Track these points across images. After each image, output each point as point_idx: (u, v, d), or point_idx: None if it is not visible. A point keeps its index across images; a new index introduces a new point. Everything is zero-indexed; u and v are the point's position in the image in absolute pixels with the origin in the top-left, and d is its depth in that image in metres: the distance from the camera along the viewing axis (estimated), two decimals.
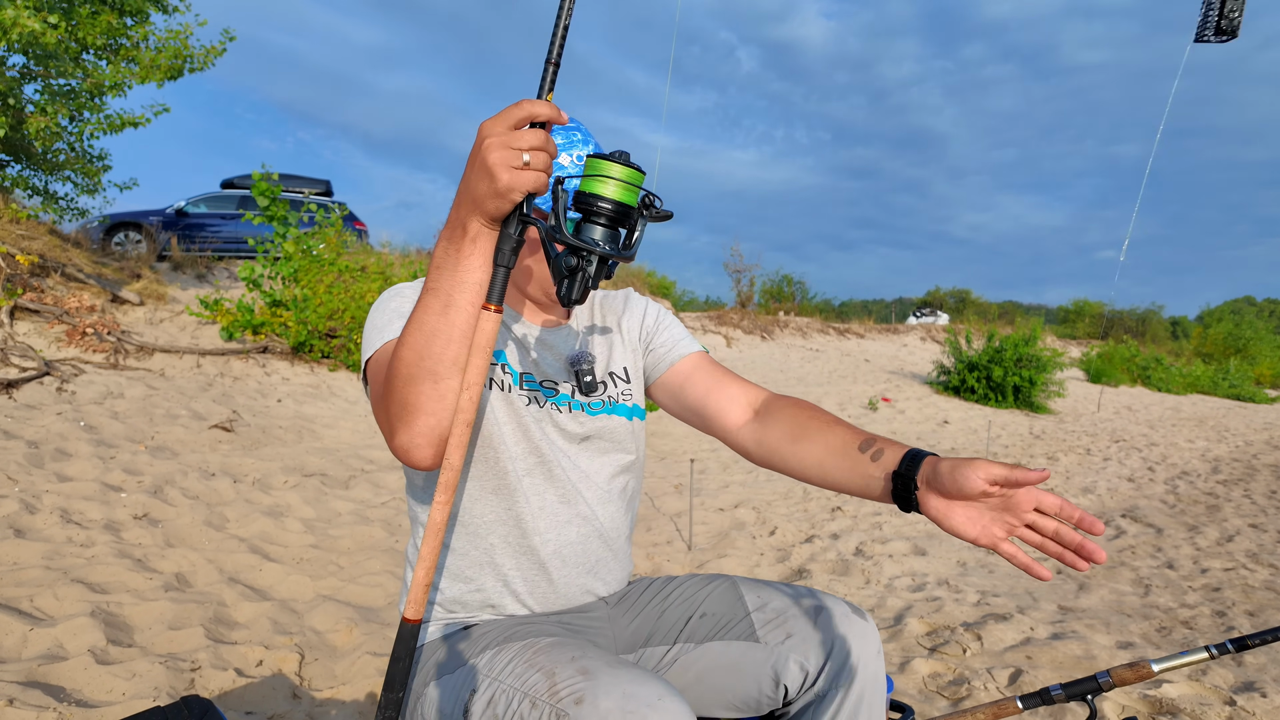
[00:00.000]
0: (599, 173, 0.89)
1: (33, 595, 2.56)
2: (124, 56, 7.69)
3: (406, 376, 0.89)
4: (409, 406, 0.90)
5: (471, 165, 0.85)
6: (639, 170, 0.90)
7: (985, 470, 0.86)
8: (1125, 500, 6.16)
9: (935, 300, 43.48)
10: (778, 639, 1.14)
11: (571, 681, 0.91)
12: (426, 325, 0.88)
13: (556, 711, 0.89)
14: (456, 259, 0.88)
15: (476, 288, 0.88)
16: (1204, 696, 2.46)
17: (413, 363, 0.89)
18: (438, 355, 0.88)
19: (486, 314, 0.87)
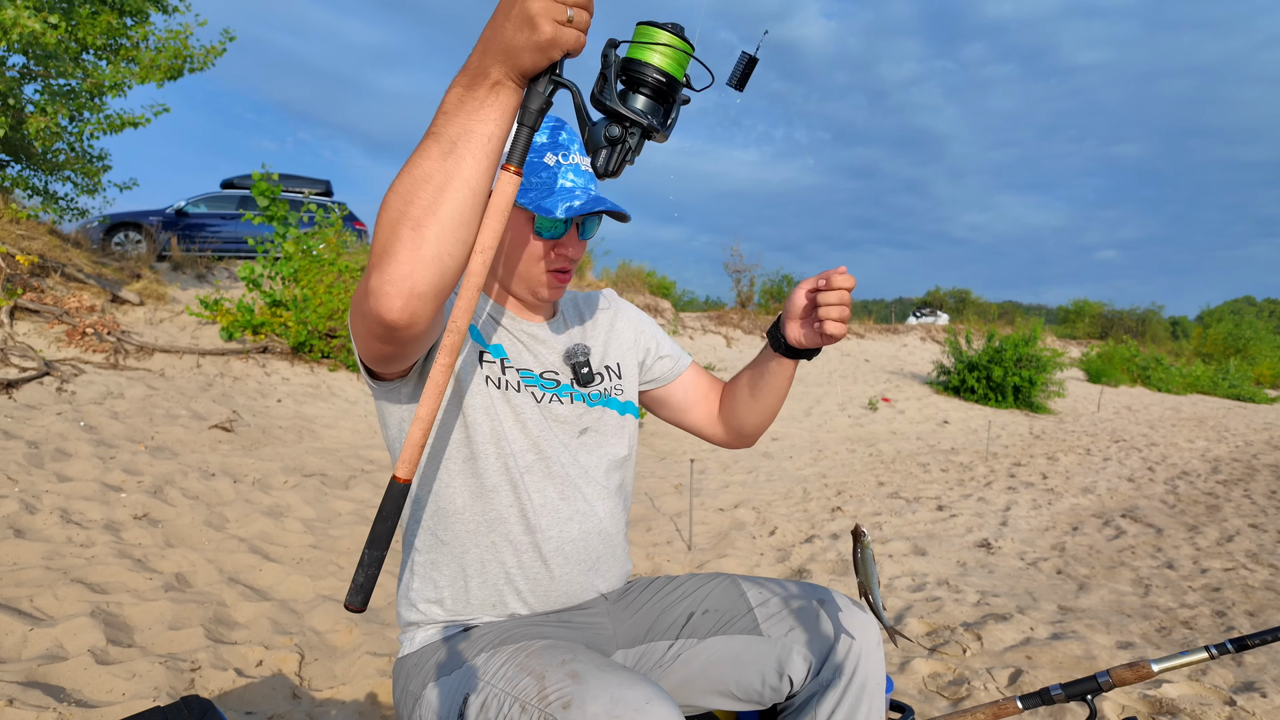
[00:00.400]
0: (649, 40, 0.84)
1: (33, 595, 2.56)
2: (124, 56, 7.69)
3: (389, 222, 0.81)
4: (386, 252, 0.81)
5: (506, 11, 0.78)
6: (690, 43, 0.84)
7: (803, 285, 1.14)
8: (1125, 500, 6.16)
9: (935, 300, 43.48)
10: (781, 632, 1.16)
11: (560, 685, 0.91)
12: (419, 169, 0.80)
13: (545, 715, 0.90)
14: (471, 106, 0.80)
15: (484, 140, 0.81)
16: (1204, 696, 2.46)
17: (398, 207, 0.81)
18: (425, 203, 0.80)
19: (507, 175, 0.84)
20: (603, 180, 0.90)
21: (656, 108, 0.85)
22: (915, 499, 5.60)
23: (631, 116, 0.84)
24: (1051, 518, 5.35)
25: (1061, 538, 4.81)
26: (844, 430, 9.11)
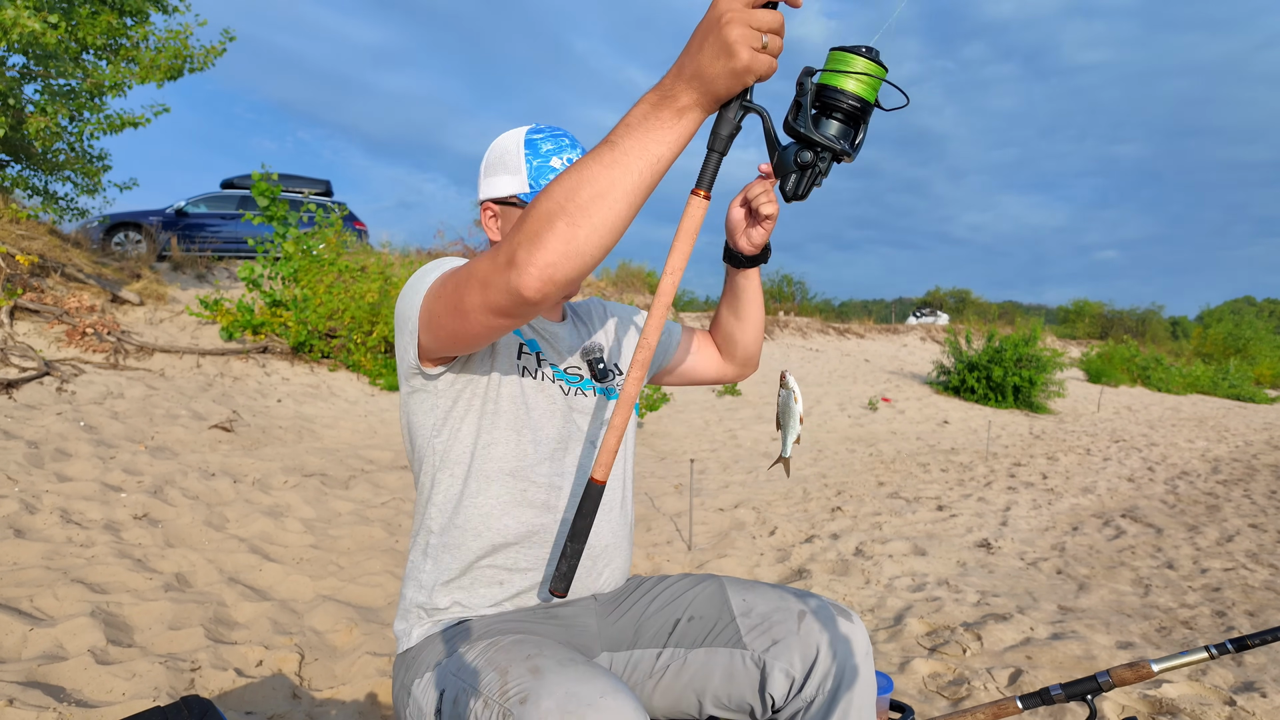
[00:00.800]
0: (844, 67, 0.85)
1: (33, 595, 2.56)
2: (124, 56, 7.69)
3: (546, 211, 0.84)
4: (538, 237, 0.84)
5: (703, 38, 0.80)
6: (883, 66, 0.86)
7: (733, 202, 1.22)
8: (1125, 500, 6.16)
9: (935, 300, 43.48)
10: (762, 646, 1.16)
11: (520, 681, 0.93)
12: (588, 171, 0.83)
13: (504, 711, 0.92)
14: (653, 124, 0.82)
15: (654, 160, 0.83)
16: (1204, 696, 2.46)
17: (558, 200, 0.83)
18: (583, 204, 0.82)
19: (697, 199, 0.87)
20: (789, 204, 0.95)
21: (848, 131, 0.88)
22: (915, 499, 5.60)
23: (825, 143, 0.86)
24: (1051, 518, 5.35)
25: (1061, 538, 4.81)
26: (844, 430, 9.11)
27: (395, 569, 3.27)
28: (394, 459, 5.09)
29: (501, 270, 0.87)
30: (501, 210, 1.22)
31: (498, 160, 1.22)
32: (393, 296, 7.80)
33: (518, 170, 1.19)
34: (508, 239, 0.87)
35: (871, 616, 3.22)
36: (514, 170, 1.20)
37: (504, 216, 1.22)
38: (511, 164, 1.20)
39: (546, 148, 1.20)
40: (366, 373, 7.46)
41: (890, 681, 1.55)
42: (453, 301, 0.98)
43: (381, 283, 7.74)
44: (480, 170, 1.25)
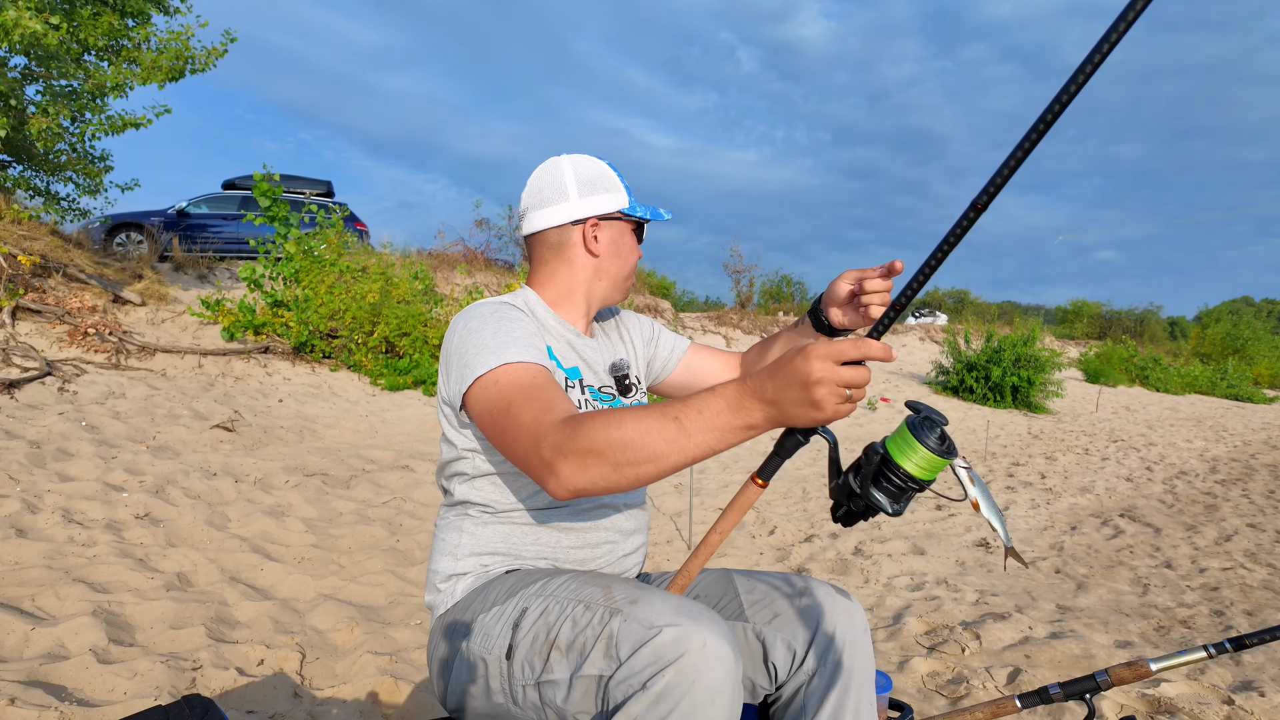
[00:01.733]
0: (910, 447, 0.93)
1: (34, 595, 2.57)
2: (125, 57, 7.69)
3: (594, 446, 0.92)
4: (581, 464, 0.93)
5: (789, 380, 0.88)
6: (948, 458, 0.93)
7: (848, 276, 1.24)
8: (1123, 500, 6.17)
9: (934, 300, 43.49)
10: (765, 619, 1.22)
11: (627, 591, 0.99)
12: (647, 436, 0.91)
13: (610, 610, 0.97)
14: (722, 425, 0.91)
15: (709, 450, 0.92)
16: (1202, 696, 2.47)
17: (613, 444, 0.92)
18: (633, 459, 0.91)
19: (754, 487, 0.98)
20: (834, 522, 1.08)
21: (898, 499, 0.95)
22: (915, 498, 5.62)
23: (873, 505, 0.95)
24: (1050, 517, 5.36)
25: (1060, 537, 4.82)
26: (843, 430, 9.12)
27: (396, 568, 3.27)
28: (395, 459, 5.10)
29: (542, 464, 0.97)
30: (605, 225, 1.33)
31: (595, 181, 1.32)
32: (393, 296, 7.82)
33: (617, 188, 1.33)
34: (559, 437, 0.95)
35: (871, 615, 3.23)
36: (615, 189, 1.33)
37: (607, 228, 1.33)
38: (611, 184, 1.33)
39: (619, 172, 1.36)
40: (368, 373, 7.46)
41: (889, 680, 1.56)
42: (496, 429, 1.06)
43: (382, 283, 7.75)
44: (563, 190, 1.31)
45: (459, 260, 13.83)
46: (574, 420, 0.97)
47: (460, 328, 1.19)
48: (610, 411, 0.95)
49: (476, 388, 1.10)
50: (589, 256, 1.33)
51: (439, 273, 12.22)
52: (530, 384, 1.07)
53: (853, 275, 1.24)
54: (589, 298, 1.36)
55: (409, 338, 7.71)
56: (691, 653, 0.88)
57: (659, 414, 0.93)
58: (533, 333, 1.19)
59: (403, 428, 6.32)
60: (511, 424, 1.03)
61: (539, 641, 1.01)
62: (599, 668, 0.93)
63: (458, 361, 1.15)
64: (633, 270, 1.39)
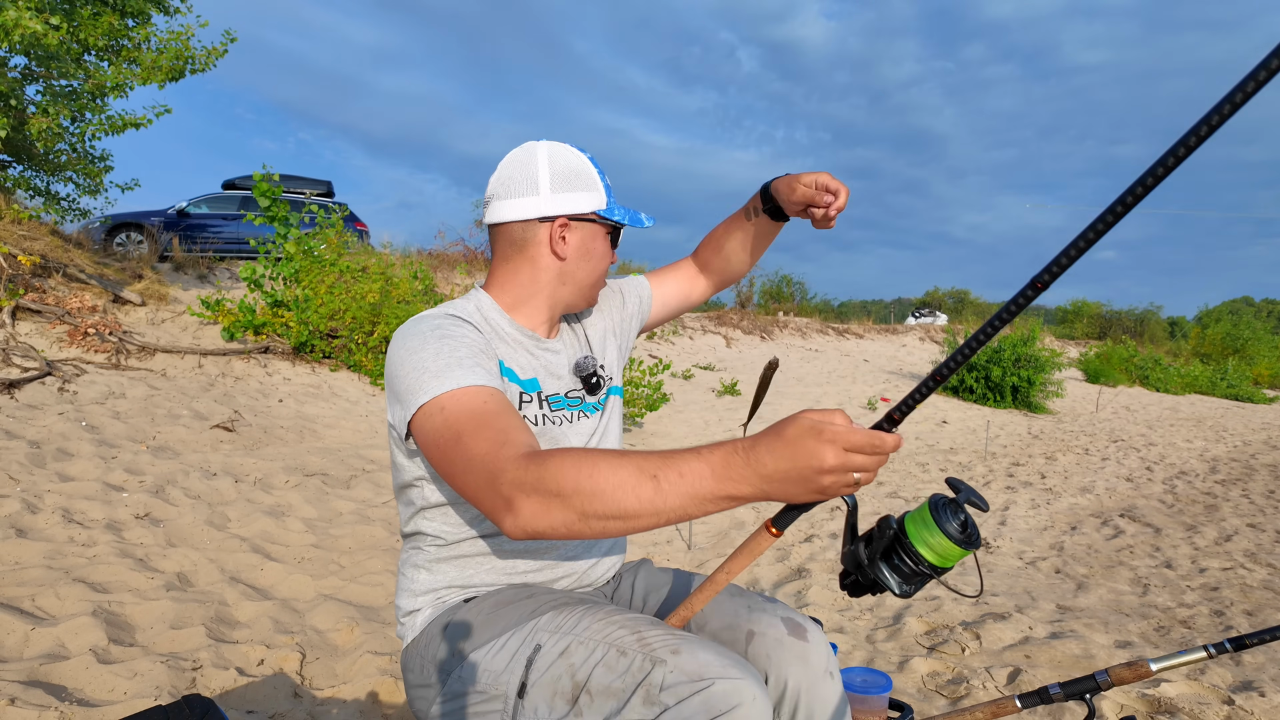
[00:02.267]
0: (927, 530, 0.87)
1: (34, 595, 2.57)
2: (126, 57, 7.69)
3: (561, 490, 0.84)
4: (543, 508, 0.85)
5: (796, 466, 0.80)
6: (968, 549, 0.87)
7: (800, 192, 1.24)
8: (1123, 500, 6.17)
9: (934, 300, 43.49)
10: None
11: (664, 638, 0.96)
12: (624, 488, 0.83)
13: (651, 658, 0.94)
14: (700, 498, 0.83)
15: (683, 516, 0.84)
16: (1202, 696, 2.47)
17: (581, 492, 0.84)
18: (600, 512, 0.84)
19: (767, 535, 0.92)
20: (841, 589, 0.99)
21: (909, 581, 0.89)
22: (914, 499, 5.61)
23: (882, 583, 0.89)
24: (1050, 517, 5.36)
25: (1060, 537, 4.82)
26: None
27: (396, 568, 3.27)
28: None
29: (499, 500, 0.88)
30: (576, 225, 1.22)
31: (572, 177, 1.20)
32: (394, 296, 7.81)
33: (595, 187, 1.22)
34: (520, 473, 0.87)
35: (870, 615, 3.23)
36: (593, 187, 1.22)
37: (578, 230, 1.22)
38: (589, 182, 1.22)
39: (601, 168, 1.26)
40: (368, 373, 7.46)
41: (889, 680, 1.56)
42: (445, 461, 0.97)
43: (382, 283, 7.74)
44: (535, 182, 1.20)
45: (459, 260, 13.84)
46: (539, 457, 0.88)
47: (398, 348, 1.08)
48: (582, 453, 0.87)
49: (420, 416, 1.01)
50: (554, 259, 1.22)
51: (439, 272, 12.22)
52: (481, 411, 0.97)
53: (804, 199, 1.25)
54: (552, 302, 1.25)
55: None
56: (745, 705, 0.89)
57: (637, 468, 0.84)
58: (479, 350, 1.09)
59: None
60: (462, 455, 0.94)
61: (562, 682, 0.97)
62: (639, 714, 0.92)
63: (400, 386, 1.05)
64: (602, 277, 1.29)
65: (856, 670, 1.61)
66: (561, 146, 1.22)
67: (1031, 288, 0.73)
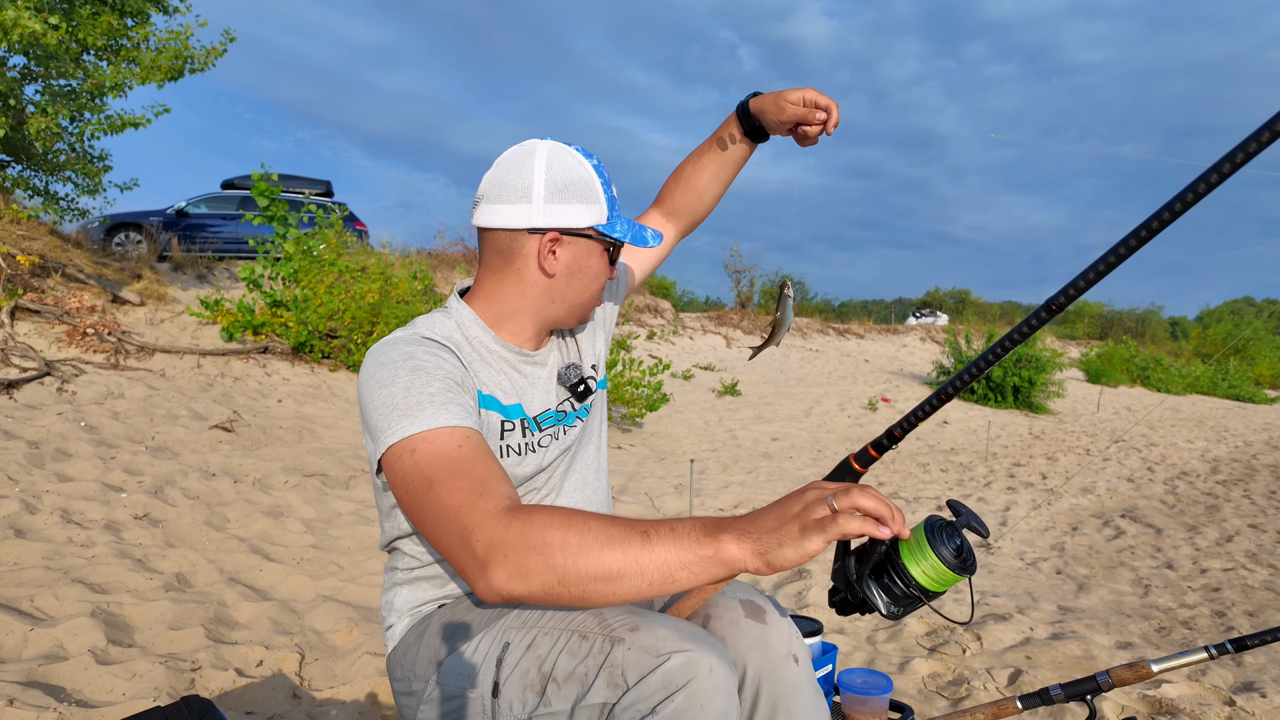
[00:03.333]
0: (920, 551, 0.84)
1: (33, 595, 2.57)
2: (124, 57, 7.69)
3: (543, 546, 0.81)
4: (521, 569, 0.81)
5: (781, 507, 0.80)
6: (962, 574, 0.84)
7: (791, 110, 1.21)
8: (1125, 500, 6.17)
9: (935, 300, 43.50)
10: None
11: (622, 618, 0.95)
12: (615, 540, 0.81)
13: (610, 638, 0.92)
14: (689, 549, 0.80)
15: (665, 577, 0.80)
16: (1203, 697, 2.46)
17: (565, 553, 0.81)
18: (586, 566, 0.80)
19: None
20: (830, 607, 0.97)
21: (898, 604, 0.86)
22: (915, 499, 5.60)
23: (869, 603, 0.86)
24: (1051, 518, 5.35)
25: (1061, 538, 4.81)
26: (844, 430, 9.11)
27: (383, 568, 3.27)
28: None
29: (472, 561, 0.84)
30: (569, 241, 1.12)
31: (570, 187, 1.09)
32: (393, 296, 7.81)
33: (596, 200, 1.11)
34: (496, 531, 0.83)
35: (871, 616, 3.22)
36: (593, 200, 1.11)
37: (570, 246, 1.12)
38: (589, 194, 1.10)
39: (605, 176, 1.15)
40: None
41: (890, 681, 1.56)
42: (416, 508, 0.92)
43: (382, 283, 7.74)
44: (528, 189, 1.09)
45: (459, 260, 13.83)
46: (520, 513, 0.84)
47: (368, 379, 1.01)
48: (569, 511, 0.85)
49: (389, 457, 0.95)
50: (541, 275, 1.12)
51: (438, 273, 12.22)
52: (455, 457, 0.91)
53: (794, 117, 1.22)
54: (539, 319, 1.17)
55: None
56: (700, 677, 0.87)
57: (628, 525, 0.82)
58: (454, 383, 1.02)
59: None
60: (434, 505, 0.88)
61: (530, 675, 0.96)
62: (603, 696, 0.90)
63: (370, 421, 0.99)
64: (596, 296, 1.18)
65: (857, 671, 1.60)
66: (564, 150, 1.11)
67: (1046, 309, 0.74)
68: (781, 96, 1.22)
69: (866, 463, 0.99)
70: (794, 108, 1.21)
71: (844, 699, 1.55)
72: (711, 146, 1.36)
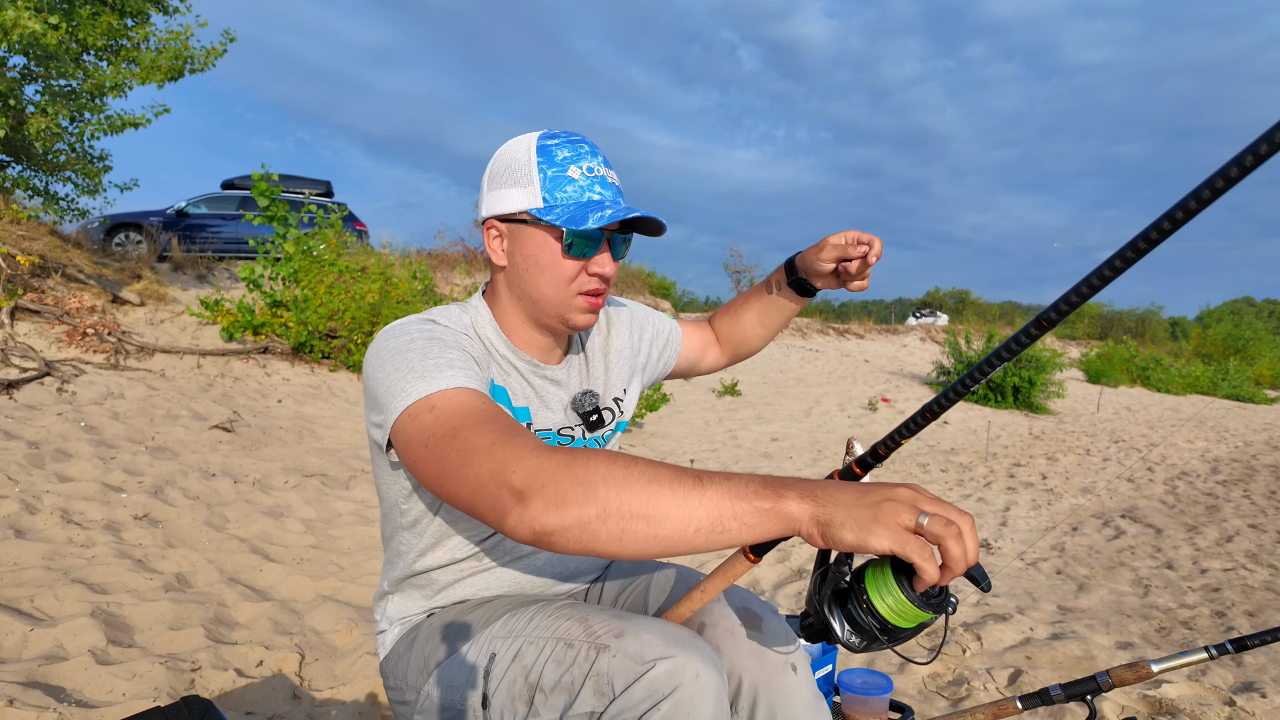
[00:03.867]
0: (887, 587, 0.74)
1: (33, 595, 2.57)
2: (124, 57, 7.69)
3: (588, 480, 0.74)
4: (559, 504, 0.74)
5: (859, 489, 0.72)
6: (930, 612, 0.74)
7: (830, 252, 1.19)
8: (1125, 500, 6.17)
9: (935, 301, 43.50)
10: None
11: (608, 624, 0.93)
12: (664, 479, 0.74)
13: (596, 646, 0.91)
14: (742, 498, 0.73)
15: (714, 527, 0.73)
16: (1203, 697, 2.46)
17: (619, 478, 0.74)
18: (631, 500, 0.73)
19: (743, 562, 0.88)
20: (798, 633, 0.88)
21: (862, 637, 0.77)
22: None
23: (831, 636, 0.78)
24: (1051, 518, 5.35)
25: (1061, 538, 4.81)
26: (844, 431, 9.11)
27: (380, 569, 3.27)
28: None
29: (508, 492, 0.77)
30: (509, 229, 1.07)
31: (504, 171, 1.06)
32: (393, 297, 7.81)
33: (529, 182, 1.03)
34: (538, 460, 0.77)
35: None
36: (524, 182, 1.04)
37: (511, 236, 1.07)
38: (521, 175, 1.04)
39: (563, 155, 1.04)
40: None
41: (890, 682, 1.56)
42: (436, 460, 0.85)
43: (382, 283, 7.74)
44: (483, 182, 1.09)
45: (458, 260, 13.83)
46: (560, 449, 0.79)
47: (380, 349, 0.97)
48: (611, 451, 0.82)
49: (404, 419, 0.89)
50: (496, 266, 1.10)
51: (438, 273, 12.22)
52: (480, 409, 0.87)
53: (835, 254, 1.19)
54: (528, 319, 1.11)
55: None
56: (686, 684, 0.85)
57: (678, 468, 0.76)
58: (471, 358, 0.99)
59: None
60: (461, 447, 0.83)
61: (517, 685, 0.94)
62: (590, 705, 0.89)
63: (379, 389, 0.94)
64: (568, 293, 1.07)
65: (857, 672, 1.60)
66: (525, 137, 1.07)
67: (1036, 325, 0.69)
68: (821, 242, 1.22)
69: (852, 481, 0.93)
70: (832, 247, 1.19)
71: (844, 699, 1.55)
72: (760, 288, 1.38)
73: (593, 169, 1.05)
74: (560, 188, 1.03)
